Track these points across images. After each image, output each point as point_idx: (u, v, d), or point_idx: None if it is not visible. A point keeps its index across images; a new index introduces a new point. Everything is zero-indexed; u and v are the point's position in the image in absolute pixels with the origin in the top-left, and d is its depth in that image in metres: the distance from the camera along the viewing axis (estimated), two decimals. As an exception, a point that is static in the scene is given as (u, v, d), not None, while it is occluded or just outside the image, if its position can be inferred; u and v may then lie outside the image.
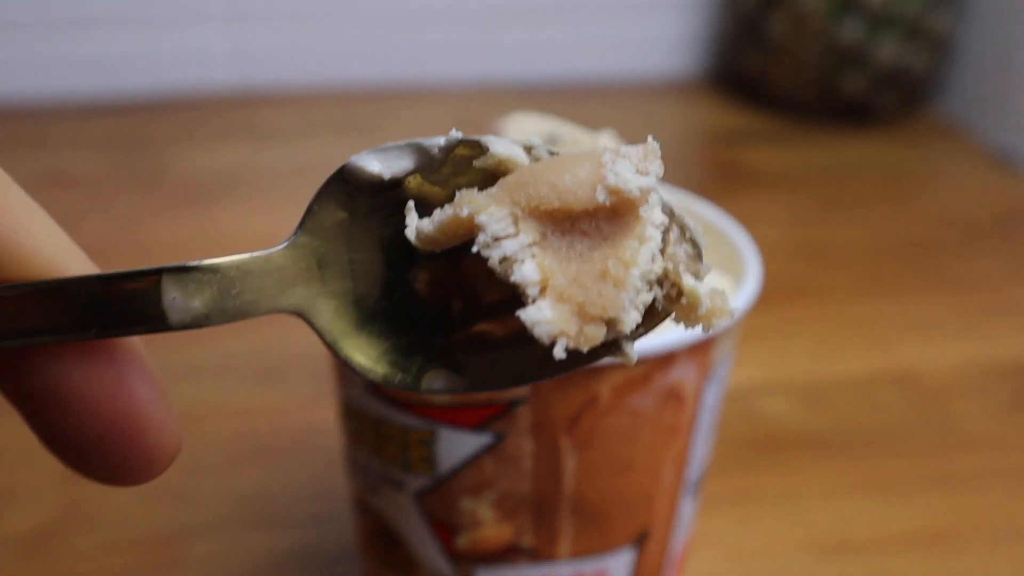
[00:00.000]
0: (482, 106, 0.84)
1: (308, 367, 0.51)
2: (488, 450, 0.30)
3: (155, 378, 0.20)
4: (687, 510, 0.34)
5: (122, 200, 0.69)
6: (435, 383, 0.20)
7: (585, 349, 0.18)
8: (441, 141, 0.20)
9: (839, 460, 0.47)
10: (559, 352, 0.18)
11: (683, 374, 0.30)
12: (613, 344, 0.19)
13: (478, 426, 0.29)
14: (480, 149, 0.20)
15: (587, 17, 0.90)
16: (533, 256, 0.18)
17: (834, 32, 0.80)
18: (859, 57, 0.81)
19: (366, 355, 0.20)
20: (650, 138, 0.19)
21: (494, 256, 0.18)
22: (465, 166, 0.20)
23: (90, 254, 0.20)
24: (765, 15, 0.83)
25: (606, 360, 0.19)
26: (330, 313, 0.20)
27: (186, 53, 0.85)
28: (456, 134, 0.20)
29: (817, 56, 0.82)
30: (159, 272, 0.18)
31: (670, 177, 0.48)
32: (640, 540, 0.33)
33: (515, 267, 0.18)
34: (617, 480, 0.31)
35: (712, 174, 0.79)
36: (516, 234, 0.18)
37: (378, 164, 0.20)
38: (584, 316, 0.18)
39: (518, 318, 0.18)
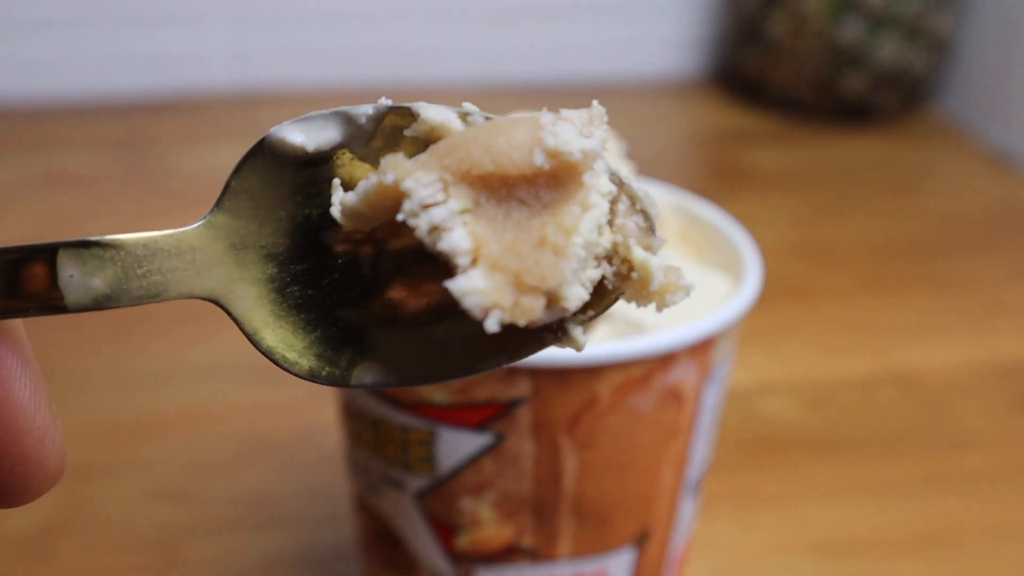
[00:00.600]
0: (482, 106, 0.84)
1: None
2: (488, 450, 0.30)
3: (39, 378, 0.17)
4: (687, 510, 0.34)
5: (122, 200, 0.69)
6: (365, 377, 0.19)
7: (522, 323, 0.17)
8: (369, 109, 0.19)
9: (839, 460, 0.47)
10: (492, 325, 0.16)
11: (683, 374, 0.30)
12: (559, 328, 0.18)
13: (478, 426, 0.29)
14: (412, 117, 0.18)
15: (587, 17, 0.90)
16: (464, 224, 0.17)
17: (834, 32, 0.80)
18: (859, 57, 0.81)
19: (291, 347, 0.19)
20: (595, 103, 0.18)
21: (421, 225, 0.17)
22: (397, 137, 0.19)
23: None
24: (765, 15, 0.83)
25: (553, 347, 0.18)
26: (250, 300, 0.19)
27: (186, 53, 0.85)
28: (385, 101, 0.19)
29: (817, 56, 0.82)
30: (55, 247, 0.17)
31: (670, 177, 0.48)
32: (640, 540, 0.33)
33: (444, 235, 0.17)
34: (617, 480, 0.31)
35: (712, 174, 0.79)
36: (446, 200, 0.17)
37: (301, 135, 0.18)
38: (520, 286, 0.17)
39: (454, 298, 0.16)
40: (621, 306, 0.31)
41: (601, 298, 0.18)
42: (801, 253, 0.66)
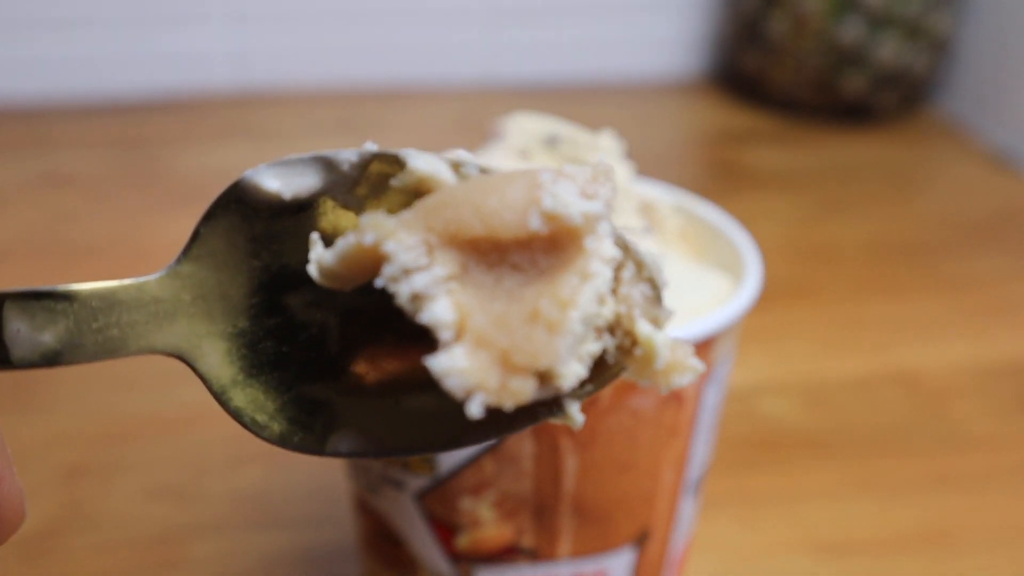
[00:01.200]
0: (482, 106, 0.84)
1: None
2: (488, 450, 0.30)
3: None
4: (687, 510, 0.34)
5: (122, 200, 0.69)
6: (341, 445, 0.17)
7: (509, 406, 0.15)
8: (354, 156, 0.17)
9: (839, 460, 0.47)
10: (474, 410, 0.15)
11: (683, 374, 0.30)
12: (554, 403, 0.16)
13: (478, 426, 0.29)
14: (399, 165, 0.17)
15: (587, 17, 0.90)
16: (449, 293, 0.15)
17: (834, 32, 0.80)
18: (859, 57, 0.81)
19: (261, 408, 0.17)
20: (600, 157, 0.17)
21: (402, 292, 0.15)
22: (383, 186, 0.17)
23: (89, 254, 0.19)
24: (765, 15, 0.83)
25: (548, 421, 0.16)
26: (218, 356, 0.17)
27: (186, 53, 0.85)
28: (371, 147, 0.17)
29: (817, 56, 0.82)
30: (1, 298, 0.16)
31: (670, 177, 0.48)
32: (640, 540, 0.33)
33: (426, 305, 0.15)
34: (617, 480, 0.31)
35: (712, 174, 0.79)
36: (429, 266, 0.15)
37: (277, 181, 0.17)
38: (508, 366, 0.15)
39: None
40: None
41: (601, 371, 0.16)
42: (801, 253, 0.66)
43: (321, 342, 0.18)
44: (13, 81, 0.82)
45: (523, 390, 0.15)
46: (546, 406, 0.16)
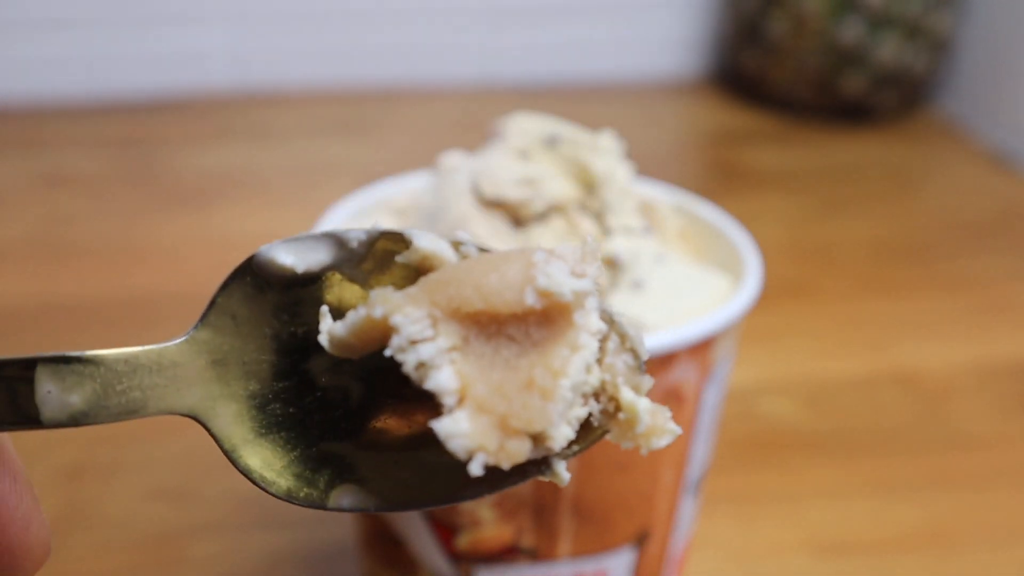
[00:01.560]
0: (482, 106, 0.84)
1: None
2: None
3: (19, 469, 0.17)
4: (687, 510, 0.34)
5: (121, 200, 0.69)
6: (344, 500, 0.18)
7: (507, 466, 0.16)
8: (363, 235, 0.18)
9: (839, 460, 0.47)
10: (476, 469, 0.16)
11: (683, 374, 0.30)
12: (543, 462, 0.18)
13: (478, 426, 0.29)
14: (404, 243, 0.18)
15: (587, 17, 0.90)
16: (452, 362, 0.17)
17: (834, 32, 0.80)
18: (859, 57, 0.81)
19: (269, 466, 0.19)
20: (589, 238, 0.18)
21: (409, 361, 0.17)
22: (388, 262, 0.19)
23: (89, 254, 0.19)
24: (765, 15, 0.83)
25: (536, 479, 0.18)
26: (230, 417, 0.18)
27: (186, 53, 0.85)
28: (378, 226, 0.18)
29: (817, 56, 0.82)
30: (34, 362, 0.17)
31: (670, 177, 0.48)
32: (640, 540, 0.33)
33: (431, 373, 0.17)
34: (617, 480, 0.31)
35: (712, 174, 0.79)
36: (434, 337, 0.17)
37: (291, 256, 0.18)
38: (506, 430, 0.16)
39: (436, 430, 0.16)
40: (621, 303, 0.31)
41: (586, 433, 0.18)
42: (801, 253, 0.66)
43: (327, 404, 0.19)
44: (11, 81, 0.82)
45: (519, 451, 0.16)
46: (536, 465, 0.18)
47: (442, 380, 0.17)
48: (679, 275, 0.33)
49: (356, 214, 0.35)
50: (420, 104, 0.86)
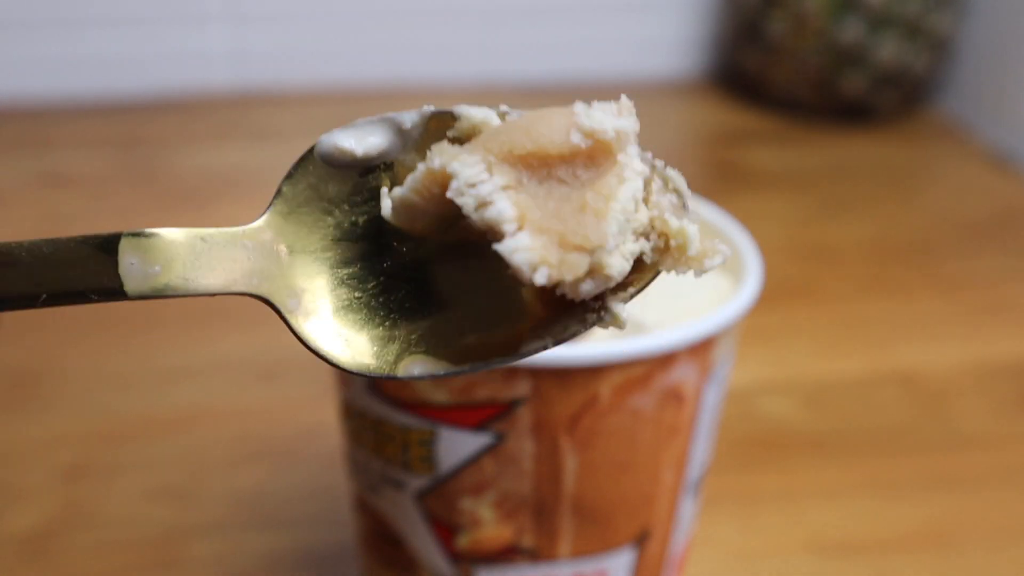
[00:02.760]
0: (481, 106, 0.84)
1: (308, 367, 0.51)
2: (488, 450, 0.30)
3: None
4: (687, 510, 0.34)
5: (121, 200, 0.69)
6: (414, 369, 0.20)
7: (568, 278, 0.17)
8: (416, 116, 0.20)
9: (839, 460, 0.47)
10: (540, 278, 0.17)
11: (683, 374, 0.30)
12: (601, 307, 0.19)
13: (478, 426, 0.29)
14: (453, 119, 0.19)
15: (587, 17, 0.90)
16: (508, 196, 0.18)
17: (834, 32, 0.80)
18: (859, 57, 0.81)
19: (340, 344, 0.19)
20: (623, 96, 0.19)
21: (468, 202, 0.18)
22: (440, 140, 0.20)
23: None
24: (765, 15, 0.83)
25: (596, 328, 0.19)
26: (298, 300, 0.19)
27: (186, 53, 0.85)
28: (428, 107, 0.20)
29: (817, 56, 0.82)
30: (117, 236, 0.18)
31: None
32: (640, 540, 0.33)
33: (489, 208, 0.18)
34: (617, 480, 0.31)
35: (712, 174, 0.79)
36: (490, 179, 0.18)
37: (351, 140, 0.19)
38: (565, 245, 0.17)
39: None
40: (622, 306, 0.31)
41: (641, 273, 0.19)
42: (801, 253, 0.66)
43: (388, 287, 0.20)
44: (11, 81, 0.82)
45: (579, 264, 0.17)
46: (594, 311, 0.19)
47: (501, 209, 0.17)
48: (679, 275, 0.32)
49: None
50: (420, 104, 0.86)
